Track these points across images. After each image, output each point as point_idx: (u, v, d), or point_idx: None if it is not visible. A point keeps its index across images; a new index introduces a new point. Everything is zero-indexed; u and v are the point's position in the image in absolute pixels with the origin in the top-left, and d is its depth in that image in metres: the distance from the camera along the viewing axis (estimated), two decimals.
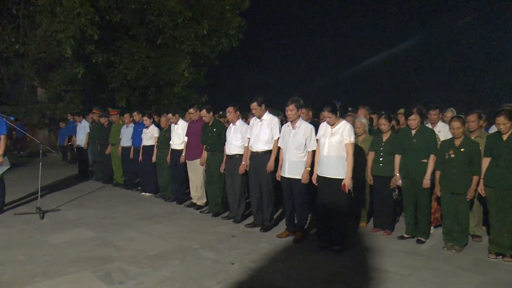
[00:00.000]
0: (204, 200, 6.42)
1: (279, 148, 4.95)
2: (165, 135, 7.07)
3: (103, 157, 8.75)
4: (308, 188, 4.67)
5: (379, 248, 4.45)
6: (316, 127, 4.65)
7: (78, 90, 14.64)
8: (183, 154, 6.52)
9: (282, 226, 5.10)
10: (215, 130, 5.95)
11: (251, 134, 5.26)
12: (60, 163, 12.70)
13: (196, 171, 6.35)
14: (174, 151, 6.74)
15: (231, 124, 5.69)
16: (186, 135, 6.52)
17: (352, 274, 3.73)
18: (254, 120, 5.33)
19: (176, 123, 6.78)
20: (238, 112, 5.66)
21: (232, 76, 24.38)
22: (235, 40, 15.37)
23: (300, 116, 4.82)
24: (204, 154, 6.11)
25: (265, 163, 5.02)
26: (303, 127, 4.68)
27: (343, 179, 4.21)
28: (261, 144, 5.12)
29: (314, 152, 4.59)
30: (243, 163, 5.37)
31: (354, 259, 4.13)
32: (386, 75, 25.26)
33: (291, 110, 4.66)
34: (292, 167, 4.69)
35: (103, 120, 8.87)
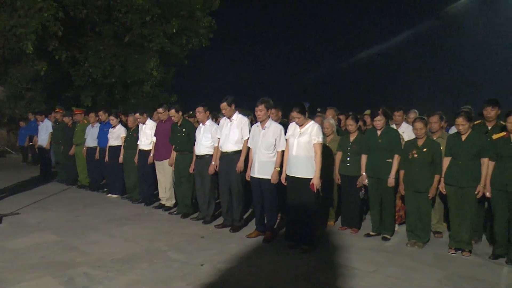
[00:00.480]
0: (173, 201, 6.33)
1: (248, 148, 4.96)
2: (132, 135, 6.91)
3: (66, 158, 8.44)
4: (278, 188, 4.71)
5: (346, 246, 4.55)
6: (285, 128, 4.70)
7: (40, 88, 14.03)
8: (151, 155, 6.40)
9: (251, 226, 5.11)
10: (184, 130, 5.88)
11: (221, 134, 5.24)
12: (20, 165, 12.15)
13: (164, 172, 6.24)
14: (142, 151, 6.60)
15: (200, 124, 5.65)
16: (155, 135, 6.40)
17: (320, 272, 3.80)
18: (224, 120, 5.31)
19: (144, 123, 6.64)
20: (208, 112, 5.62)
21: (202, 75, 24.19)
22: (205, 40, 15.27)
23: (269, 117, 4.85)
24: (173, 154, 6.03)
25: (235, 163, 5.01)
26: (273, 128, 4.71)
27: (311, 179, 4.27)
28: (231, 144, 5.11)
29: (283, 152, 4.63)
30: (213, 163, 5.34)
31: (323, 257, 4.20)
32: (353, 79, 25.93)
33: (260, 110, 4.68)
34: (262, 167, 4.71)
35: (67, 119, 8.54)
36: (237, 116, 5.17)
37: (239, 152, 5.05)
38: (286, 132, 4.62)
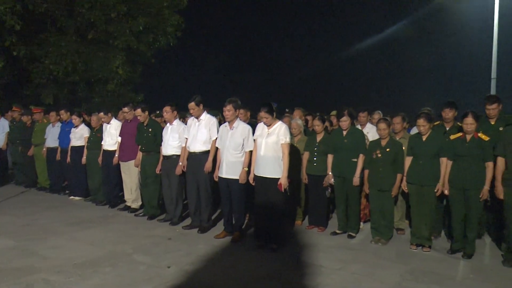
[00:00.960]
0: (139, 202, 6.18)
1: (216, 149, 4.94)
2: (96, 135, 6.69)
3: (25, 159, 8.05)
4: (246, 188, 4.71)
5: (313, 244, 4.62)
6: (254, 128, 4.71)
7: None
8: (116, 155, 6.23)
9: (220, 227, 5.09)
10: (150, 130, 5.76)
11: (189, 134, 5.18)
12: None
13: (130, 173, 6.09)
14: (106, 152, 6.41)
15: (167, 124, 5.56)
16: (120, 135, 6.23)
17: (288, 271, 3.84)
18: (191, 120, 5.25)
19: (108, 123, 6.45)
20: (176, 112, 5.54)
21: (170, 75, 23.80)
22: (173, 38, 15.01)
23: (238, 117, 4.85)
24: (139, 155, 5.89)
25: (202, 164, 4.97)
26: (241, 128, 4.71)
27: (279, 179, 4.30)
28: (198, 145, 5.06)
29: (251, 152, 4.64)
30: (180, 163, 5.27)
31: (290, 256, 4.25)
32: (320, 80, 26.48)
33: (228, 110, 4.67)
34: (230, 168, 4.70)
35: (25, 118, 8.14)
36: (205, 116, 5.13)
37: (207, 153, 5.01)
38: (254, 132, 4.64)
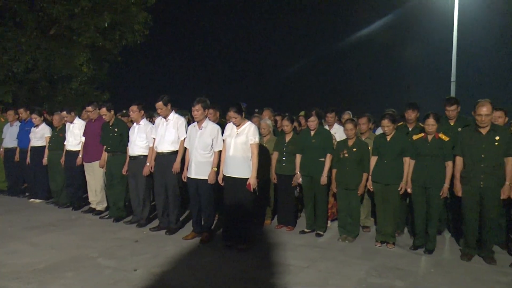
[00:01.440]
0: (105, 204, 6.01)
1: (185, 149, 4.88)
2: (58, 135, 6.44)
3: None
4: (215, 189, 4.68)
5: (282, 243, 4.66)
6: (223, 128, 4.69)
7: None
8: (80, 156, 6.02)
9: (188, 228, 5.03)
10: (116, 130, 5.61)
11: (156, 134, 5.09)
12: None
13: (94, 174, 5.90)
14: (69, 152, 6.18)
15: (134, 124, 5.43)
16: (84, 135, 6.04)
17: (257, 271, 3.84)
18: (159, 120, 5.16)
19: (72, 122, 6.22)
20: (143, 111, 5.43)
21: (138, 73, 23.30)
22: (140, 36, 14.67)
23: (206, 117, 4.81)
24: (104, 155, 5.72)
25: (171, 164, 4.90)
26: (210, 128, 4.68)
27: (248, 179, 4.31)
28: (166, 145, 4.98)
29: (220, 152, 4.62)
30: (148, 164, 5.17)
31: (259, 256, 4.26)
32: (289, 81, 26.85)
33: (197, 110, 4.63)
34: (199, 168, 4.65)
35: None
36: (173, 116, 5.06)
37: (175, 153, 4.94)
38: (223, 133, 4.62)
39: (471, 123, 4.32)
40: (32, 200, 6.77)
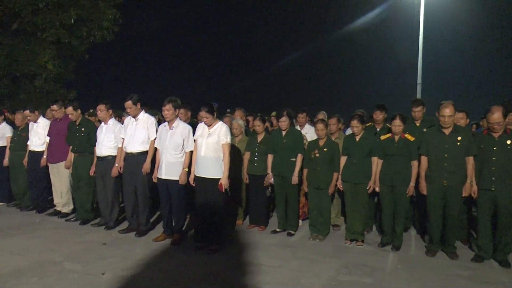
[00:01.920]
0: (71, 206, 5.81)
1: (155, 149, 4.79)
2: (21, 135, 6.18)
3: None
4: (186, 189, 4.63)
5: (254, 243, 4.67)
6: (194, 128, 4.64)
7: None
8: (44, 157, 5.79)
9: (159, 230, 4.94)
10: (83, 129, 5.44)
11: (126, 134, 4.97)
12: None
13: (60, 175, 5.70)
14: (32, 153, 5.94)
15: (102, 124, 5.29)
16: (48, 135, 5.82)
17: (229, 271, 3.83)
18: (128, 120, 5.05)
19: (35, 121, 5.97)
20: (111, 111, 5.29)
21: (106, 71, 22.67)
22: (109, 33, 14.27)
23: (177, 116, 4.75)
24: (70, 156, 5.53)
25: (140, 165, 4.80)
26: (181, 128, 4.62)
27: (220, 179, 4.28)
28: (136, 145, 4.87)
29: (191, 152, 4.57)
30: (116, 165, 5.04)
31: (231, 256, 4.24)
32: (261, 81, 27.02)
33: (168, 110, 4.56)
34: (170, 168, 4.58)
35: None
36: (143, 116, 4.96)
37: (145, 153, 4.85)
38: (194, 133, 4.57)
39: (436, 123, 4.49)
40: None
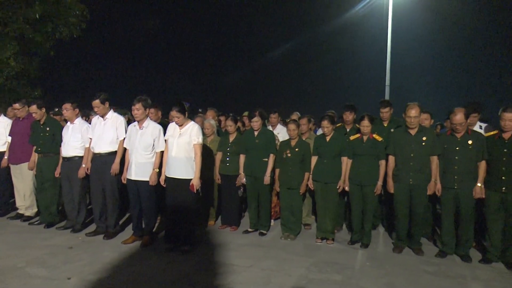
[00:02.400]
0: (34, 209, 5.57)
1: (124, 149, 4.68)
2: None
3: None
4: (156, 190, 4.55)
5: (226, 243, 4.65)
6: (166, 128, 4.57)
7: None
8: (6, 157, 5.54)
9: (128, 232, 4.83)
10: (48, 129, 5.24)
11: (93, 134, 4.83)
12: None
13: (23, 177, 5.46)
14: None
15: (68, 123, 5.11)
16: (10, 135, 5.56)
17: (200, 272, 3.80)
18: (96, 119, 4.91)
19: None
20: (77, 110, 5.13)
21: (74, 69, 21.91)
22: (76, 30, 13.80)
23: (148, 116, 4.66)
24: (34, 156, 5.32)
25: (109, 165, 4.67)
26: (151, 128, 4.54)
27: (191, 179, 4.24)
28: (104, 145, 4.75)
29: (162, 153, 4.50)
30: (83, 165, 4.89)
31: (202, 257, 4.21)
32: (233, 81, 27.02)
33: (137, 109, 4.47)
34: (140, 169, 4.49)
35: None
36: (111, 115, 4.84)
37: (113, 153, 4.73)
38: (165, 133, 4.50)
39: (402, 124, 4.63)
40: None
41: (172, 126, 4.43)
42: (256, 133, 5.05)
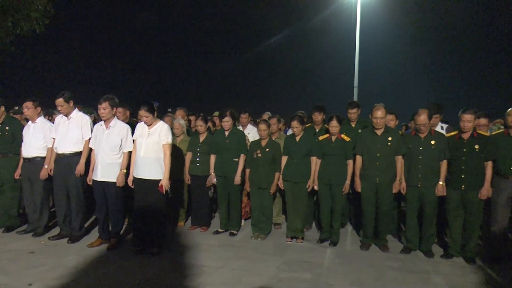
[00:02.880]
0: None
1: (90, 150, 4.54)
2: None
3: None
4: (123, 191, 4.44)
5: (196, 244, 4.60)
6: (134, 128, 4.46)
7: None
8: None
9: (94, 235, 4.68)
10: (7, 128, 5.00)
11: (57, 134, 4.65)
12: None
13: None
14: None
15: (29, 122, 4.90)
16: None
17: (169, 274, 3.74)
18: (60, 119, 4.73)
19: None
20: (39, 108, 4.92)
21: (36, 66, 21.02)
22: (39, 26, 13.22)
23: (115, 115, 4.54)
24: None
25: (73, 166, 4.51)
26: (118, 127, 4.43)
27: (160, 180, 4.17)
28: (69, 145, 4.58)
29: (130, 153, 4.40)
30: (46, 166, 4.69)
31: (171, 259, 4.14)
32: (204, 81, 26.86)
33: (104, 108, 4.35)
34: (106, 170, 4.37)
35: None
36: (76, 114, 4.67)
37: (78, 154, 4.57)
38: (133, 133, 4.40)
39: (369, 125, 4.76)
40: None
41: (140, 126, 4.34)
42: (226, 133, 5.04)
